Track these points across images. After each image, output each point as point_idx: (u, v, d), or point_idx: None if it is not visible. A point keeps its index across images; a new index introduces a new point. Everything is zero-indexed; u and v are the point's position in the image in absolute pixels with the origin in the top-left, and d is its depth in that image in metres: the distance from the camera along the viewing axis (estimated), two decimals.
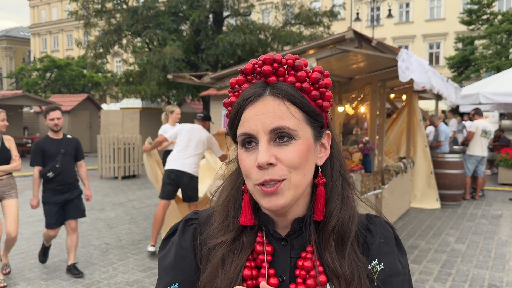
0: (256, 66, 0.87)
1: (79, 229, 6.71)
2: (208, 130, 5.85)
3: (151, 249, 5.50)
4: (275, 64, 0.85)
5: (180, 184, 5.49)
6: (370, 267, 0.87)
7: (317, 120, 0.87)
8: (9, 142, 4.74)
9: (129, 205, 8.70)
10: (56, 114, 4.69)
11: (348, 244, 0.86)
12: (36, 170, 4.73)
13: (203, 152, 5.73)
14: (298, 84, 0.85)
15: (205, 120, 5.81)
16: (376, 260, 0.88)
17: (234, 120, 0.87)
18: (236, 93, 0.89)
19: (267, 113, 0.82)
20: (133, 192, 10.28)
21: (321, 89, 0.87)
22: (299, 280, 0.85)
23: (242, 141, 0.85)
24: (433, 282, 4.65)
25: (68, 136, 5.01)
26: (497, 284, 4.64)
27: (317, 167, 0.89)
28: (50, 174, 4.68)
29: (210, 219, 0.97)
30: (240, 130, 0.85)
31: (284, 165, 0.82)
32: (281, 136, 0.82)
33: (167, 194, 5.52)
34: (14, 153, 4.72)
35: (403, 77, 4.30)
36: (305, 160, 0.84)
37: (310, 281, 0.85)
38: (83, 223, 7.15)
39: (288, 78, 0.85)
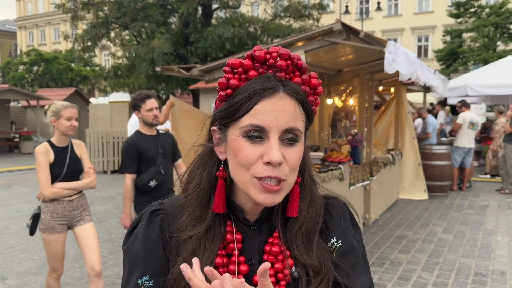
0: (269, 57, 0.85)
1: None
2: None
3: None
4: (288, 61, 0.86)
5: None
6: (329, 244, 0.93)
7: (310, 124, 0.91)
8: (80, 149, 3.49)
9: (119, 199, 8.67)
10: (153, 103, 3.58)
11: (315, 237, 0.91)
12: (129, 178, 3.62)
13: None
14: (304, 87, 0.87)
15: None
16: (335, 237, 0.94)
17: (240, 107, 0.83)
18: (236, 76, 0.85)
19: (284, 111, 0.82)
20: (122, 186, 10.22)
21: (316, 96, 0.90)
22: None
23: (247, 132, 0.82)
24: (420, 272, 4.72)
25: (161, 130, 3.88)
26: (483, 272, 4.72)
27: None
28: (153, 183, 3.59)
29: (177, 208, 0.95)
30: (250, 121, 0.82)
31: (289, 166, 0.83)
32: (291, 137, 0.83)
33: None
34: (87, 164, 3.47)
35: (390, 68, 4.33)
36: (300, 162, 0.88)
37: (278, 265, 0.88)
38: None
39: (294, 78, 0.86)
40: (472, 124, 9.30)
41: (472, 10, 22.21)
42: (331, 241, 0.93)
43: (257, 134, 0.82)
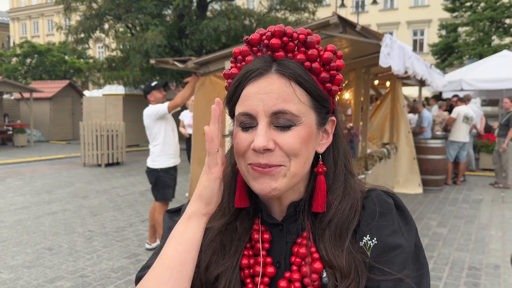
0: (264, 37, 0.79)
1: (62, 217, 6.66)
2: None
3: (151, 246, 5.22)
4: (284, 38, 0.78)
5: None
6: (361, 244, 0.78)
7: (324, 106, 0.81)
8: None
9: (113, 192, 8.63)
10: None
11: (348, 237, 0.79)
12: None
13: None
14: (307, 63, 0.78)
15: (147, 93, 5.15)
16: (368, 235, 0.78)
17: (233, 95, 0.80)
18: (238, 65, 0.82)
19: (270, 93, 0.75)
20: (117, 179, 10.20)
21: (331, 72, 0.80)
22: (294, 267, 0.81)
23: (239, 120, 0.79)
24: None
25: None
26: (477, 266, 4.75)
27: (317, 154, 0.83)
28: None
29: None
30: (239, 109, 0.78)
31: (284, 151, 0.76)
32: (281, 121, 0.76)
33: (171, 195, 5.22)
34: None
35: (384, 62, 4.31)
36: (305, 147, 0.78)
37: (305, 269, 0.79)
38: (66, 210, 7.08)
39: (298, 55, 0.78)
40: (466, 118, 9.33)
41: (468, 4, 22.21)
42: (364, 240, 0.78)
43: (248, 121, 0.78)
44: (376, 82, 9.10)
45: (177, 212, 0.96)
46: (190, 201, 0.83)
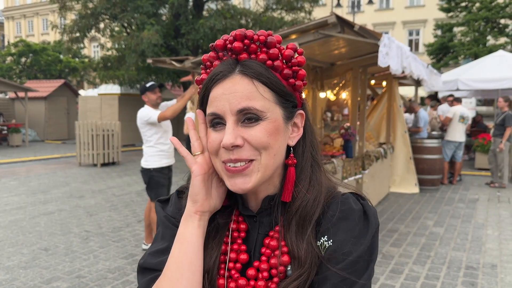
0: (227, 42, 0.84)
1: (58, 217, 6.62)
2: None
3: (147, 246, 5.17)
4: (246, 41, 0.82)
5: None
6: (318, 243, 0.83)
7: (289, 100, 0.85)
8: None
9: (109, 192, 8.59)
10: None
11: (309, 227, 0.84)
12: None
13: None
14: (269, 62, 0.83)
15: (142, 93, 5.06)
16: (326, 236, 0.83)
17: (203, 99, 0.86)
18: (208, 71, 0.88)
19: (234, 92, 0.81)
20: (113, 179, 10.15)
21: (294, 68, 0.85)
22: (263, 258, 0.86)
23: (210, 121, 0.84)
24: (412, 265, 4.74)
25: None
26: (474, 265, 4.76)
27: (289, 147, 0.88)
28: None
29: None
30: (208, 110, 0.84)
31: (253, 146, 0.81)
32: (249, 117, 0.81)
33: (165, 194, 5.11)
34: None
35: (382, 62, 4.31)
36: (273, 140, 0.82)
37: (273, 260, 0.84)
38: (62, 210, 7.05)
39: (260, 55, 0.83)
40: (462, 118, 9.36)
41: (463, 4, 22.30)
42: (321, 240, 0.83)
43: (217, 121, 0.83)
44: (372, 82, 9.11)
45: (167, 202, 1.01)
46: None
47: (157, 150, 4.97)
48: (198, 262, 0.84)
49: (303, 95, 0.91)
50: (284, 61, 0.84)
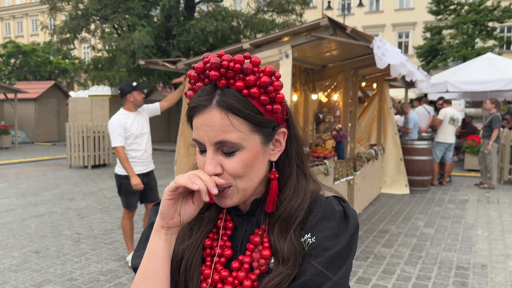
0: (208, 67, 0.86)
1: (49, 219, 6.57)
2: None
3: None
4: (222, 70, 0.84)
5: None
6: (302, 240, 0.88)
7: (266, 126, 0.88)
8: None
9: (100, 194, 8.54)
10: None
11: (291, 229, 0.89)
12: None
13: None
14: (245, 91, 0.85)
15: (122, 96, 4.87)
16: (309, 234, 0.88)
17: (188, 119, 0.91)
18: (194, 87, 0.91)
19: (211, 125, 0.84)
20: (104, 181, 10.09)
21: (270, 94, 0.86)
22: (247, 252, 0.92)
23: (195, 143, 0.90)
24: (404, 265, 4.78)
25: None
26: (464, 266, 4.81)
27: (271, 162, 0.93)
28: None
29: None
30: (193, 134, 0.89)
31: (230, 174, 0.86)
32: (225, 149, 0.86)
33: (134, 203, 4.84)
34: None
35: (380, 63, 4.33)
36: (249, 169, 0.87)
37: (255, 254, 0.91)
38: (53, 213, 6.99)
39: (237, 83, 0.85)
40: (452, 120, 9.46)
41: (452, 7, 22.54)
42: (305, 237, 0.88)
43: (201, 146, 0.88)
44: (363, 84, 9.17)
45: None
46: None
47: (128, 157, 4.62)
48: (163, 274, 0.88)
49: (288, 104, 0.94)
50: (259, 87, 0.85)
